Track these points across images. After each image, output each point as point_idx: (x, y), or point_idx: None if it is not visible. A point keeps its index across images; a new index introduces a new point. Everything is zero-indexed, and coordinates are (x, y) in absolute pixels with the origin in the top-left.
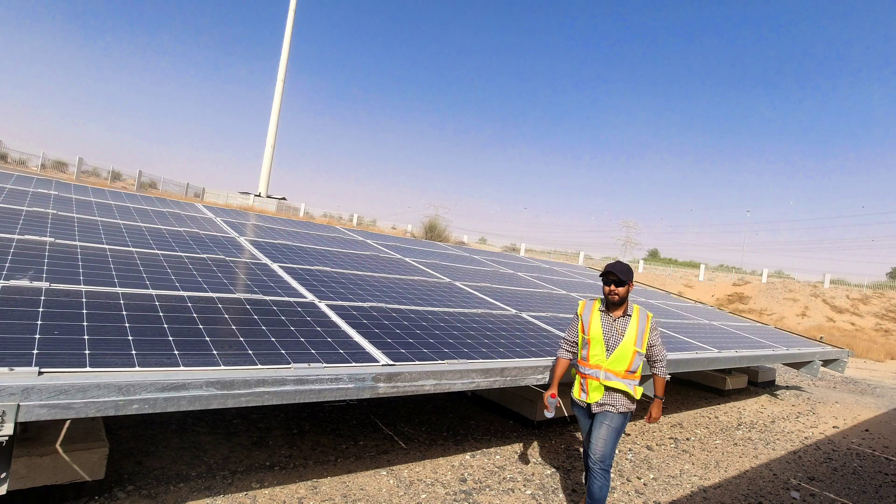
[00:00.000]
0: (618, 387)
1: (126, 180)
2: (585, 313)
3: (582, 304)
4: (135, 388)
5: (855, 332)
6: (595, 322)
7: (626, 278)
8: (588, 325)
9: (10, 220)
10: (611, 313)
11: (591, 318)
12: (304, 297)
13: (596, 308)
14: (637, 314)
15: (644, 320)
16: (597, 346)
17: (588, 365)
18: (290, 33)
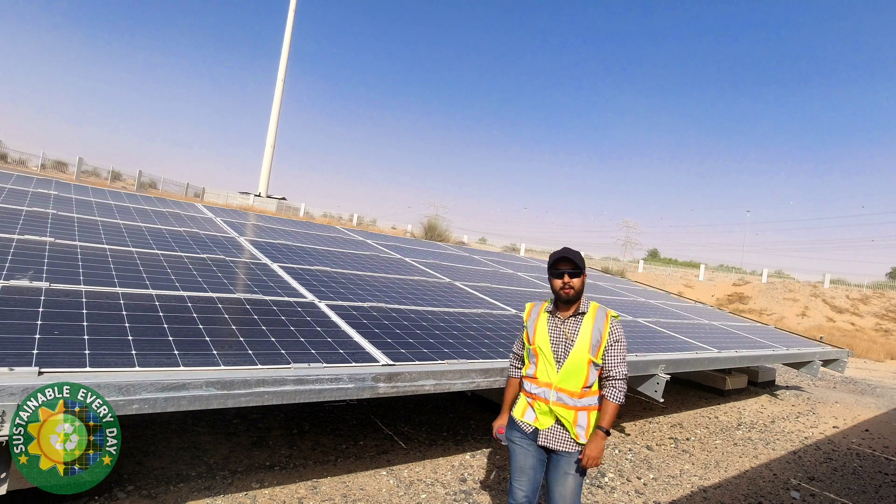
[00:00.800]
0: (571, 414)
1: (126, 180)
2: (531, 318)
3: (529, 306)
4: (135, 388)
5: (855, 332)
6: (541, 327)
7: (582, 266)
8: (533, 332)
9: (10, 220)
10: (559, 314)
11: (537, 324)
12: (304, 297)
13: (543, 311)
14: (593, 312)
15: (602, 319)
16: (544, 359)
17: (536, 382)
18: (290, 33)
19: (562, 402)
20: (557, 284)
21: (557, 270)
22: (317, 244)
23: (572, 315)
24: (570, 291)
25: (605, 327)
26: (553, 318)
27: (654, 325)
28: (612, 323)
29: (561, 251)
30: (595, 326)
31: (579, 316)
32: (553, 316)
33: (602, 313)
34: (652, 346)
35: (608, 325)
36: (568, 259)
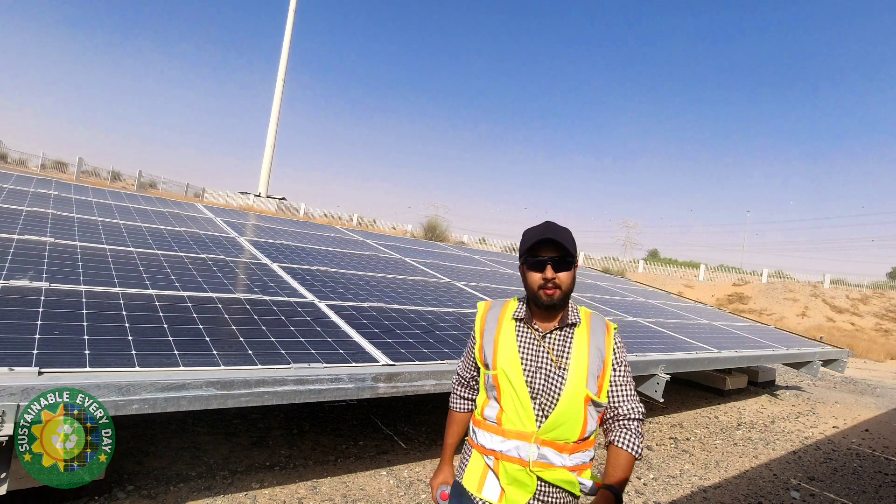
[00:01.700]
0: (563, 479)
1: (126, 180)
2: (488, 325)
3: (483, 307)
4: (135, 388)
5: (855, 332)
6: (506, 343)
7: (574, 252)
8: (493, 348)
9: (10, 220)
10: (537, 324)
11: (499, 336)
12: (304, 297)
13: (507, 316)
14: (587, 322)
15: (601, 332)
16: (512, 395)
17: (502, 432)
18: (290, 33)
19: (545, 462)
20: (535, 281)
21: (536, 258)
22: (317, 244)
23: (558, 328)
24: (556, 293)
25: (607, 345)
26: (526, 330)
27: (654, 325)
28: (616, 338)
29: (541, 228)
30: (593, 344)
31: (568, 329)
32: (528, 327)
33: (600, 323)
34: (652, 346)
35: (611, 342)
36: (553, 242)
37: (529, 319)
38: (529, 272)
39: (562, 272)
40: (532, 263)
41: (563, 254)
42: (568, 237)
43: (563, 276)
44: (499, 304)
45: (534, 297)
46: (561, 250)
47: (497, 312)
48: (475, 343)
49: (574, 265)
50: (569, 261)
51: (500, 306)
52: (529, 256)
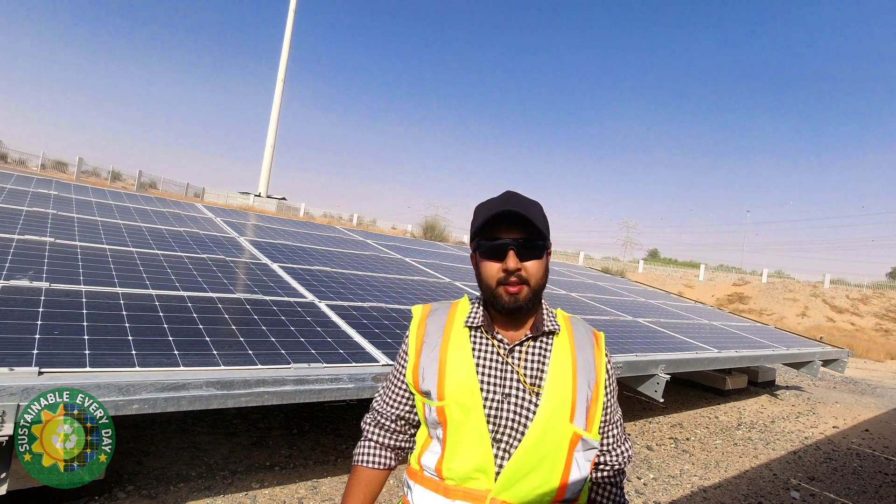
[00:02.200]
0: None
1: (126, 180)
2: (429, 337)
3: (420, 311)
4: (135, 388)
5: (855, 332)
6: (457, 360)
7: (546, 231)
8: (438, 368)
9: (10, 220)
10: (500, 333)
11: (447, 351)
12: (304, 297)
13: (457, 323)
14: (569, 331)
15: (589, 345)
16: (466, 433)
17: (447, 489)
18: (290, 33)
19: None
20: (492, 274)
21: (494, 242)
22: (317, 244)
23: (530, 337)
24: (521, 290)
25: (598, 361)
26: (485, 342)
27: (654, 325)
28: (606, 351)
29: (500, 199)
30: (580, 359)
31: (544, 339)
32: (486, 337)
33: (586, 332)
34: (652, 346)
35: (603, 358)
36: (516, 217)
37: (489, 327)
38: (484, 261)
39: (529, 260)
40: (487, 249)
41: (532, 234)
42: (537, 212)
43: (532, 265)
44: (443, 307)
45: (492, 298)
46: (528, 229)
47: (442, 319)
48: (407, 362)
49: (547, 251)
50: (539, 245)
51: (445, 310)
52: (484, 239)
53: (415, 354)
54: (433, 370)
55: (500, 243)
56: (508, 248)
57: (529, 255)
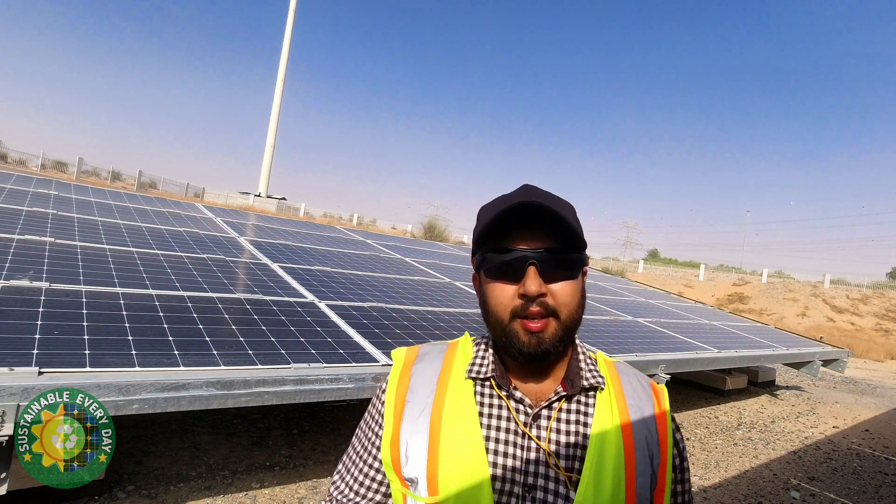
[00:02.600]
0: None
1: (126, 180)
2: (415, 395)
3: (402, 357)
4: (135, 388)
5: (855, 332)
6: (457, 431)
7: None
8: (428, 442)
9: (10, 220)
10: (518, 389)
11: (443, 417)
12: (304, 297)
13: (456, 373)
14: (615, 383)
15: (648, 404)
16: None
17: None
18: (290, 33)
19: None
20: (505, 301)
21: (506, 254)
22: (317, 244)
23: (564, 397)
24: (548, 327)
25: (661, 429)
26: (498, 403)
27: (654, 325)
28: (670, 417)
29: (517, 192)
30: (640, 427)
31: (583, 398)
32: (497, 395)
33: (640, 385)
34: (652, 345)
35: (668, 422)
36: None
37: (504, 380)
38: (492, 284)
39: (559, 281)
40: (497, 266)
41: (563, 243)
42: (570, 211)
43: (564, 289)
44: (436, 350)
45: (503, 338)
46: (558, 234)
47: (434, 368)
48: (382, 430)
49: (583, 267)
50: (574, 258)
51: (438, 355)
52: (492, 251)
53: (394, 420)
54: (421, 447)
55: (515, 256)
56: (528, 262)
57: (559, 273)
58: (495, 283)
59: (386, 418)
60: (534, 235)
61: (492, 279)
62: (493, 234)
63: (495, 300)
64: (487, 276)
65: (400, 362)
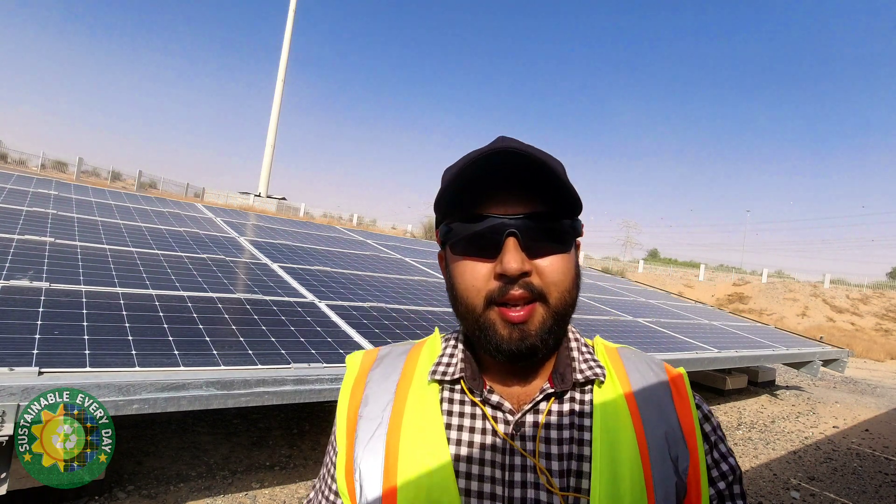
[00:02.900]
0: None
1: (126, 180)
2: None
3: (357, 364)
4: (135, 388)
5: (855, 332)
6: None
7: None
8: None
9: (10, 220)
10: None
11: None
12: (304, 297)
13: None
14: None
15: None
16: None
17: None
18: (290, 33)
19: None
20: (477, 283)
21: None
22: (317, 244)
23: (552, 395)
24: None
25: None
26: (468, 411)
27: (654, 325)
28: (701, 403)
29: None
30: (655, 423)
31: (578, 395)
32: (469, 400)
33: (651, 371)
34: (652, 345)
35: (693, 410)
36: (518, 161)
37: (477, 382)
38: (461, 261)
39: (547, 255)
40: (467, 238)
41: (551, 205)
42: (558, 164)
43: (553, 265)
44: (398, 351)
45: (477, 330)
46: (544, 194)
47: (393, 373)
48: (335, 454)
49: (577, 237)
50: (565, 226)
51: (399, 357)
52: (461, 221)
53: (346, 442)
54: (375, 474)
55: (489, 225)
56: (507, 232)
57: (547, 245)
58: (465, 260)
59: (339, 440)
60: (513, 197)
61: (460, 255)
62: (461, 196)
63: (465, 283)
64: (455, 251)
65: (354, 370)
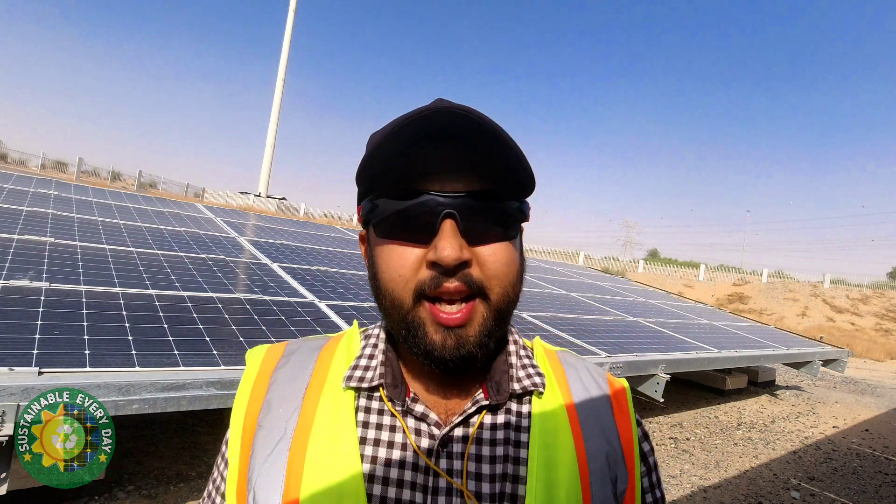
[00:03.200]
0: None
1: (126, 180)
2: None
3: (259, 361)
4: (135, 388)
5: (855, 332)
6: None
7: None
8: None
9: (10, 220)
10: (422, 400)
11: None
12: (304, 297)
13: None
14: (560, 381)
15: (605, 410)
16: None
17: None
18: (290, 33)
19: None
20: (405, 273)
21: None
22: (317, 244)
23: (485, 409)
24: (472, 316)
25: (625, 440)
26: (387, 424)
27: (654, 325)
28: (638, 417)
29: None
30: (597, 440)
31: (514, 407)
32: (389, 412)
33: (593, 380)
34: (652, 345)
35: (633, 427)
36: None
37: (398, 389)
38: (386, 245)
39: (489, 242)
40: (395, 220)
41: (498, 182)
42: (508, 136)
43: (495, 254)
44: (307, 348)
45: (403, 329)
46: (490, 168)
47: (302, 375)
48: (226, 469)
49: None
50: (511, 208)
51: (310, 355)
52: (387, 197)
53: (240, 456)
54: (273, 492)
55: (422, 202)
56: (443, 213)
57: (490, 230)
58: (391, 244)
59: (231, 453)
60: (453, 170)
61: (386, 238)
62: (389, 167)
63: (391, 271)
64: (379, 233)
65: (255, 368)
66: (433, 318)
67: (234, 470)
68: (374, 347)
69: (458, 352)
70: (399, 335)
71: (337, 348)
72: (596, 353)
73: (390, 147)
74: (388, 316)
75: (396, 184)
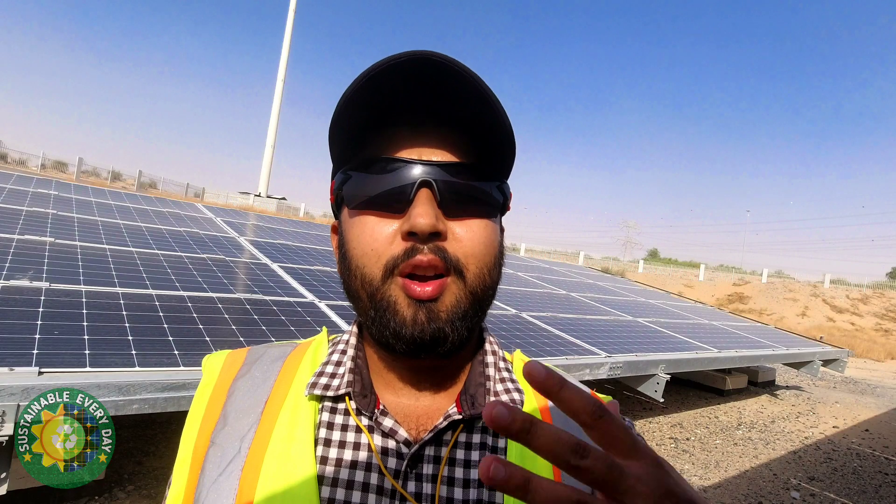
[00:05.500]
0: None
1: (126, 180)
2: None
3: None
4: (135, 388)
5: (855, 332)
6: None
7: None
8: None
9: (10, 220)
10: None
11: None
12: (304, 297)
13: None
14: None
15: None
16: None
17: None
18: (290, 33)
19: None
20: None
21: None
22: (317, 244)
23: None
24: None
25: None
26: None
27: (654, 325)
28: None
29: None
30: None
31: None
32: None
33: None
34: (652, 345)
35: None
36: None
37: (367, 399)
38: (358, 217)
39: (467, 218)
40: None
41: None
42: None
43: (473, 230)
44: (272, 354)
45: (373, 313)
46: (473, 137)
47: (264, 384)
48: (168, 487)
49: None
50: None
51: (274, 363)
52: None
53: (189, 473)
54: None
55: (396, 169)
56: (418, 182)
57: (469, 205)
58: (363, 215)
59: (178, 472)
60: (432, 135)
61: (357, 210)
62: (360, 130)
63: (363, 246)
64: (351, 205)
65: (213, 377)
66: (405, 292)
67: (179, 490)
68: (342, 353)
69: (428, 327)
70: (367, 319)
71: (304, 357)
72: (596, 352)
73: (359, 112)
74: (356, 299)
75: (368, 151)
